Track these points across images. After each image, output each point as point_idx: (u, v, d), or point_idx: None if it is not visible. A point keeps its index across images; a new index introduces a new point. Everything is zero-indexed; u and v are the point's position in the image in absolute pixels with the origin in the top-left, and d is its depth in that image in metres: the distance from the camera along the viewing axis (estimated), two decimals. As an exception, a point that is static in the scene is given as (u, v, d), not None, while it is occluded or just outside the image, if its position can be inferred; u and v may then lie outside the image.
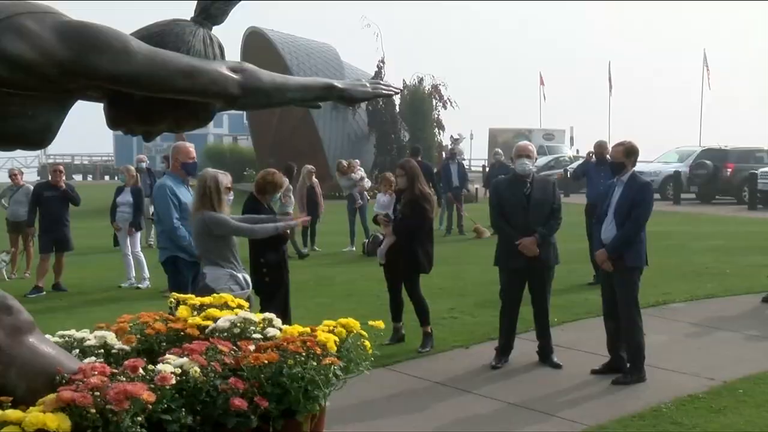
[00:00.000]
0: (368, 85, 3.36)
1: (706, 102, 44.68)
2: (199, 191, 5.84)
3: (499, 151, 18.35)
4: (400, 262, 7.45)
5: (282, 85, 3.16)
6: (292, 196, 14.63)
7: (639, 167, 8.36)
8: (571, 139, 45.24)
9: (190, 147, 7.08)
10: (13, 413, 2.48)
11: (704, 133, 43.81)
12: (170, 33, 2.99)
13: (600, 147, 10.87)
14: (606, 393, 6.08)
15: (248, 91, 3.00)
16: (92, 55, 2.71)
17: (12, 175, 13.82)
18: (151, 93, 2.87)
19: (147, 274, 11.58)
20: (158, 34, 2.97)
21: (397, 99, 29.77)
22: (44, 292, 11.01)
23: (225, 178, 5.92)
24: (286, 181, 8.02)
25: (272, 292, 6.70)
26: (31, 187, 12.80)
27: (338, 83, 3.30)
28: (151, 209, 15.51)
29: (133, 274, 11.61)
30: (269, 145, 32.22)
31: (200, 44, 3.02)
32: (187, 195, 6.83)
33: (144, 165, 16.13)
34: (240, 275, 5.79)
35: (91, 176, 57.58)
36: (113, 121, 3.08)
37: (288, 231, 7.07)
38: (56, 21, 2.75)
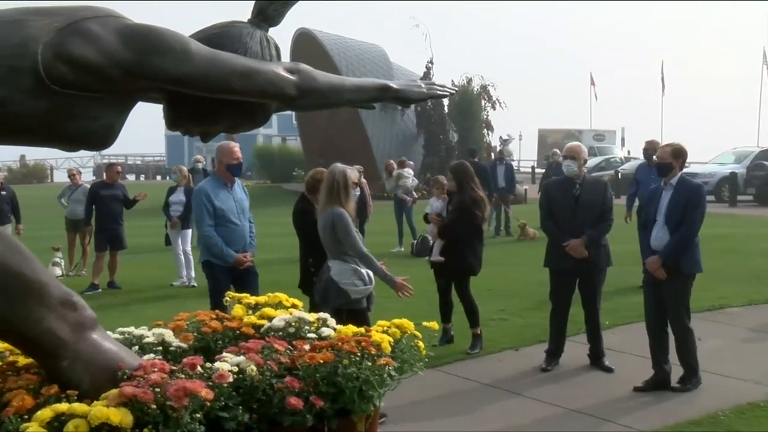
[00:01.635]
0: (423, 85, 3.36)
1: (766, 101, 43.46)
2: (326, 186, 5.85)
3: (557, 151, 18.02)
4: (451, 264, 7.43)
5: (337, 86, 3.18)
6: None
7: (694, 168, 8.27)
8: (622, 140, 44.64)
9: (235, 147, 6.86)
10: (79, 407, 2.55)
11: (763, 134, 42.76)
12: (228, 35, 3.03)
13: (649, 146, 10.56)
14: (660, 398, 5.96)
15: (304, 92, 3.02)
16: (153, 57, 2.77)
17: (71, 175, 14.18)
18: (210, 94, 2.92)
19: (194, 273, 11.74)
20: (216, 36, 3.02)
21: (445, 100, 29.69)
22: (100, 290, 11.24)
23: (352, 174, 5.95)
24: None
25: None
26: (88, 186, 13.10)
27: (393, 84, 3.31)
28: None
29: (185, 272, 11.78)
30: (318, 145, 32.38)
31: (257, 46, 3.05)
32: (228, 199, 6.69)
33: (200, 165, 16.36)
34: (364, 271, 5.78)
35: (143, 176, 58.60)
36: (172, 122, 3.13)
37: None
38: (119, 24, 2.81)
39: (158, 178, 54.67)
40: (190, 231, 12.21)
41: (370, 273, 5.87)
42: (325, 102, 3.22)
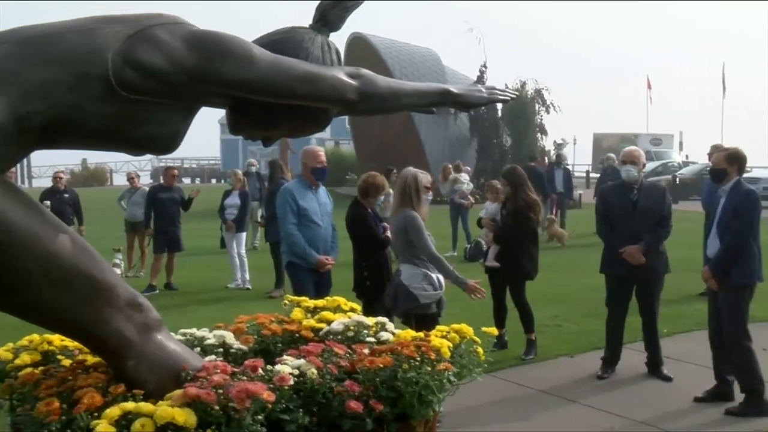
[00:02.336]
0: (483, 90, 3.35)
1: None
2: (398, 190, 5.98)
3: (612, 155, 17.76)
4: (507, 268, 7.38)
5: (398, 91, 3.19)
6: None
7: (757, 173, 8.04)
8: (680, 144, 43.80)
9: (320, 151, 6.96)
10: (145, 406, 2.60)
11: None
12: (290, 40, 3.07)
13: (714, 150, 10.32)
14: (721, 410, 5.81)
15: (365, 97, 3.04)
16: (218, 62, 2.82)
17: (130, 178, 14.50)
18: (273, 99, 2.96)
19: (248, 276, 11.86)
20: (278, 42, 3.06)
21: (499, 104, 29.50)
22: (157, 291, 11.42)
23: (424, 178, 6.02)
24: (387, 184, 8.03)
25: (373, 296, 6.72)
26: (147, 189, 13.36)
27: (454, 89, 3.30)
28: (259, 212, 15.95)
29: (239, 275, 11.92)
30: (371, 149, 32.44)
31: (318, 51, 3.09)
32: (312, 201, 6.76)
33: (254, 169, 16.54)
34: (434, 276, 5.83)
35: (199, 179, 59.45)
36: (235, 127, 3.19)
37: (389, 236, 7.07)
38: (185, 31, 2.87)
39: (213, 181, 55.40)
40: (244, 234, 12.37)
41: (441, 278, 5.89)
42: (386, 106, 3.23)
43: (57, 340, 3.45)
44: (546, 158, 20.99)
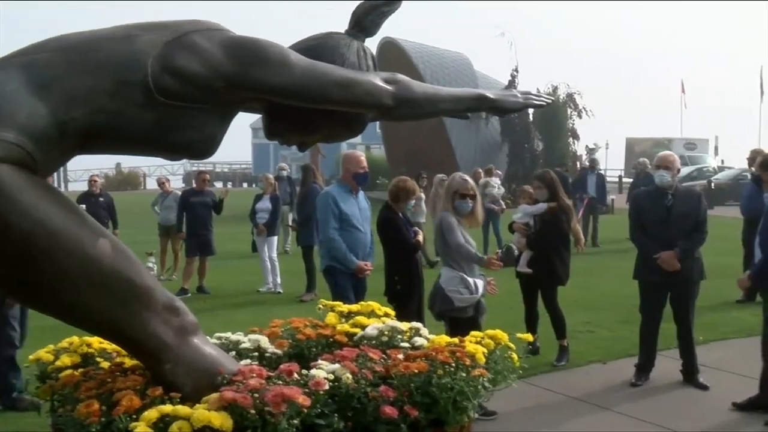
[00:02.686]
0: (519, 95, 3.34)
1: None
2: (444, 193, 6.15)
3: (645, 160, 17.58)
4: (538, 274, 7.34)
5: (434, 96, 3.20)
6: (424, 206, 14.66)
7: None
8: (716, 148, 43.24)
9: (362, 156, 6.96)
10: (182, 409, 2.63)
11: None
12: (326, 46, 3.09)
13: (754, 155, 10.12)
14: (759, 419, 5.72)
15: (401, 102, 3.05)
16: (255, 68, 2.84)
17: (160, 183, 14.64)
18: (309, 104, 2.97)
19: (279, 279, 11.92)
20: (314, 48, 3.07)
21: (532, 108, 29.40)
22: (189, 294, 11.51)
23: (463, 185, 6.10)
24: (418, 188, 8.04)
25: (404, 300, 6.71)
26: (179, 193, 13.48)
27: (490, 94, 3.30)
28: (290, 217, 16.03)
29: (270, 278, 11.98)
30: (402, 154, 32.46)
31: (354, 56, 3.10)
32: (354, 206, 6.76)
33: (285, 173, 16.63)
34: (471, 280, 5.90)
35: (230, 183, 59.91)
36: (271, 132, 3.21)
37: (420, 240, 7.07)
38: (223, 37, 2.90)
39: (245, 185, 55.75)
40: (276, 238, 12.43)
41: (478, 282, 5.93)
42: (421, 112, 3.23)
43: (96, 342, 3.50)
44: (578, 163, 20.86)
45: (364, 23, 3.19)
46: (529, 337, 3.56)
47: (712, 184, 27.59)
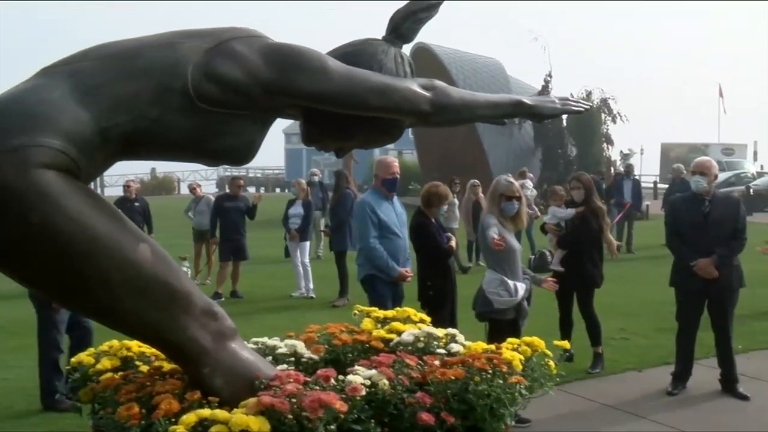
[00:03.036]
0: (557, 101, 3.33)
1: None
2: (488, 197, 6.24)
3: (680, 165, 17.38)
4: (571, 276, 7.28)
5: (471, 102, 3.19)
6: (457, 211, 14.64)
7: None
8: (755, 154, 42.62)
9: (393, 162, 6.84)
10: (221, 413, 2.65)
11: None
12: (363, 52, 3.10)
13: None
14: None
15: (439, 108, 3.05)
16: (294, 74, 2.87)
17: (192, 189, 14.77)
18: (347, 110, 2.99)
19: (312, 285, 11.96)
20: (352, 54, 3.09)
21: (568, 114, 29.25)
22: (222, 299, 11.59)
23: (509, 187, 6.15)
24: (451, 194, 8.01)
25: (437, 306, 6.69)
26: (212, 198, 13.60)
27: (527, 100, 3.29)
28: (322, 222, 16.09)
29: (303, 283, 12.03)
30: (434, 159, 32.44)
31: (392, 63, 3.11)
32: (390, 212, 6.69)
33: (316, 179, 16.69)
34: (512, 283, 5.91)
35: (263, 188, 60.32)
36: (308, 138, 3.23)
37: (453, 245, 7.05)
38: (262, 44, 2.93)
39: (277, 190, 56.11)
40: (308, 243, 12.48)
41: (519, 286, 5.94)
42: (459, 118, 3.23)
43: (135, 346, 3.54)
44: (612, 168, 20.68)
45: (401, 29, 3.20)
46: (566, 344, 3.53)
47: (751, 190, 27.17)
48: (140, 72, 2.80)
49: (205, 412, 2.68)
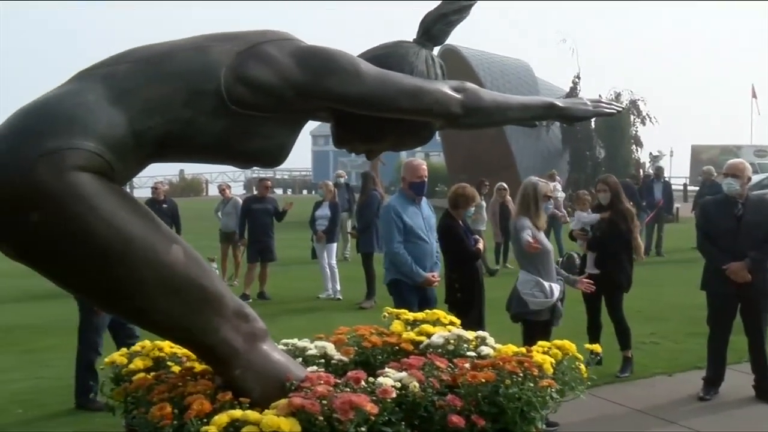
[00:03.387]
0: (589, 103, 3.31)
1: None
2: (519, 198, 6.19)
3: (711, 168, 17.17)
4: (601, 281, 7.22)
5: (502, 105, 3.18)
6: (485, 213, 14.59)
7: None
8: (790, 155, 41.95)
9: (422, 165, 6.71)
10: (252, 414, 2.67)
11: None
12: (395, 55, 3.11)
13: None
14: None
15: (470, 111, 3.05)
16: (326, 77, 2.88)
17: (221, 190, 14.87)
18: (378, 113, 2.99)
19: (338, 286, 11.98)
20: (383, 56, 3.09)
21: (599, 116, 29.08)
22: (250, 300, 11.63)
23: (545, 187, 6.17)
24: (478, 195, 7.97)
25: (465, 308, 6.66)
26: (240, 200, 13.67)
27: (559, 102, 3.27)
28: (349, 224, 16.11)
29: (330, 285, 12.04)
30: (461, 161, 32.38)
31: (423, 65, 3.11)
32: (417, 216, 6.58)
33: (342, 180, 16.72)
34: (547, 284, 5.92)
35: (290, 190, 60.55)
36: (339, 140, 3.24)
37: (481, 248, 7.03)
38: (294, 47, 2.94)
39: (304, 192, 56.33)
40: (335, 245, 12.49)
41: (554, 287, 5.94)
42: (490, 120, 3.23)
43: (167, 346, 3.58)
44: (641, 170, 20.50)
45: (432, 32, 3.20)
46: (598, 348, 3.51)
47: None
48: (173, 75, 2.83)
49: (237, 412, 2.70)
